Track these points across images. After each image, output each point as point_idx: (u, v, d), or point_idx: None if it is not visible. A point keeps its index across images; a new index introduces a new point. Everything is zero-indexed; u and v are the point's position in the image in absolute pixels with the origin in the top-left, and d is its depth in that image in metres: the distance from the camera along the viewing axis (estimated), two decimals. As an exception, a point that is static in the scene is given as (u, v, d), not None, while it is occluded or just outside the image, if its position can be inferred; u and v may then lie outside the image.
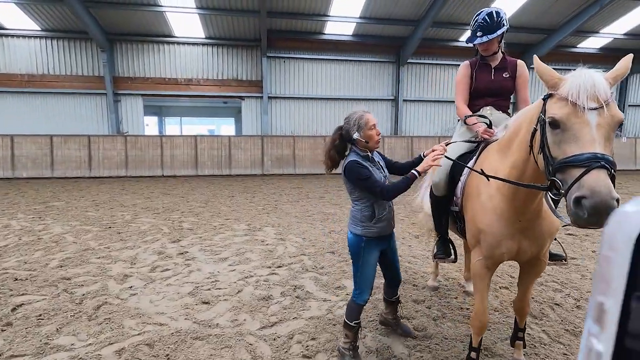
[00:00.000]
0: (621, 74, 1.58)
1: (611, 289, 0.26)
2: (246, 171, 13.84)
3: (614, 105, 1.53)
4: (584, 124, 1.52)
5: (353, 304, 2.49)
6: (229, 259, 4.65)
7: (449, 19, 13.24)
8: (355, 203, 2.42)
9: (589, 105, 1.51)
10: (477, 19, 2.63)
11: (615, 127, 1.52)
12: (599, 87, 1.51)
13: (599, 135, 1.49)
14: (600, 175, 1.41)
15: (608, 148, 1.49)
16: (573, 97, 1.54)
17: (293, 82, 14.68)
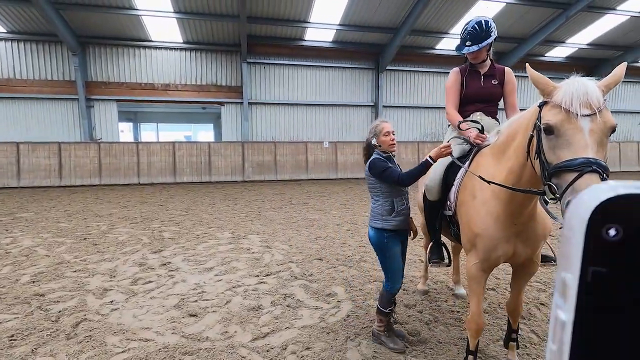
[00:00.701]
0: (614, 81, 1.64)
1: (570, 264, 0.30)
2: (227, 178, 13.60)
3: (606, 111, 1.58)
4: (577, 130, 1.57)
5: (386, 293, 2.76)
6: (214, 269, 4.52)
7: (426, 27, 13.60)
8: (377, 199, 2.69)
9: (582, 112, 1.56)
10: (467, 27, 2.69)
11: (608, 133, 1.58)
12: (591, 95, 1.56)
13: (592, 141, 1.54)
14: (592, 179, 1.46)
15: (601, 153, 1.54)
16: (566, 104, 1.60)
17: (274, 88, 14.62)
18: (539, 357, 2.69)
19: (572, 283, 0.31)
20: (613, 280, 0.31)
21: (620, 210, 0.30)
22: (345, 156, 14.73)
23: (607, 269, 0.30)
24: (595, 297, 0.31)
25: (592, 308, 0.31)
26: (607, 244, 0.30)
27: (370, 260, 4.83)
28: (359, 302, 3.61)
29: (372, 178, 2.66)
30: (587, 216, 0.30)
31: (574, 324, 0.31)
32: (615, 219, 0.30)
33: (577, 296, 0.31)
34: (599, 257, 0.30)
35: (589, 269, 0.30)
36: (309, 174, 14.30)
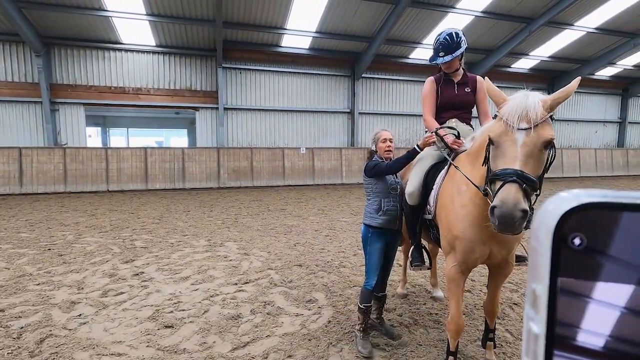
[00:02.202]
0: (563, 96, 1.74)
1: (539, 275, 0.31)
2: (201, 184, 13.29)
3: (545, 126, 1.69)
4: (511, 142, 1.71)
5: (364, 289, 2.88)
6: (190, 278, 4.38)
7: (400, 37, 13.98)
8: (369, 198, 2.89)
9: (520, 126, 1.69)
10: (439, 39, 2.79)
11: (541, 146, 1.69)
12: (530, 109, 1.69)
13: (522, 153, 1.67)
14: (511, 188, 1.60)
15: (530, 165, 1.67)
16: (505, 117, 1.75)
17: (250, 94, 14.51)
18: (515, 355, 2.78)
19: (542, 293, 0.31)
20: (580, 289, 0.31)
21: (583, 218, 0.31)
22: (322, 162, 14.78)
23: (575, 278, 0.31)
24: (565, 307, 0.31)
25: (561, 317, 0.31)
26: (573, 253, 0.31)
27: (350, 266, 4.84)
28: (339, 307, 3.61)
29: (367, 179, 2.87)
30: (553, 226, 0.31)
31: (547, 336, 0.31)
32: (579, 228, 0.31)
33: (548, 307, 0.31)
34: (567, 267, 0.31)
35: (558, 279, 0.31)
36: (285, 180, 14.23)
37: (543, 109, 1.69)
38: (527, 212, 1.58)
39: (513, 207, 1.56)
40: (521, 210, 1.56)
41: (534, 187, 1.66)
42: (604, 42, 15.39)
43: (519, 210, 1.55)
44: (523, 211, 1.57)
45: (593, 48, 15.95)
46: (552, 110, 1.75)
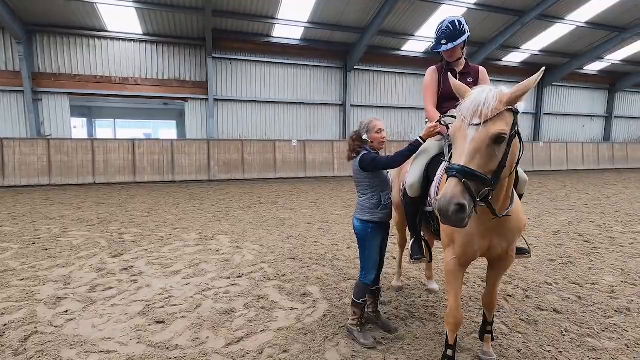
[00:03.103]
0: (522, 90, 1.74)
1: None
2: (191, 177, 13.08)
3: (496, 120, 1.70)
4: (462, 137, 1.75)
5: (361, 284, 2.81)
6: (181, 272, 4.28)
7: (393, 28, 13.87)
8: (364, 193, 2.80)
9: (472, 122, 1.71)
10: (441, 27, 2.72)
11: (490, 141, 1.69)
12: (483, 105, 1.70)
13: (470, 148, 1.70)
14: (450, 183, 1.66)
15: (477, 161, 1.69)
16: (460, 113, 1.79)
17: (241, 85, 14.26)
18: (511, 347, 2.77)
19: None
20: None
21: None
22: (314, 155, 14.68)
23: None
24: None
25: None
26: None
27: (344, 259, 4.81)
28: (334, 301, 3.56)
29: (363, 173, 2.74)
30: None
31: None
32: None
33: None
34: None
35: None
36: (277, 173, 14.11)
37: (500, 103, 1.70)
38: (464, 205, 1.60)
39: (448, 201, 1.60)
40: (456, 204, 1.59)
41: (483, 182, 1.69)
42: (593, 36, 15.54)
43: (454, 204, 1.59)
44: (459, 205, 1.60)
45: (582, 42, 16.10)
46: (511, 104, 1.74)
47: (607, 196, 10.33)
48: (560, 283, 4.02)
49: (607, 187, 12.45)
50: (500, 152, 1.73)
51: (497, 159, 1.72)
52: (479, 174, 1.67)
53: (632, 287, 3.93)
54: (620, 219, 7.26)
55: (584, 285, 3.96)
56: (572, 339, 2.90)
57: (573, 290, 3.83)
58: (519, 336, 2.94)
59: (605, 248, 5.32)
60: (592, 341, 2.87)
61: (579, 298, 3.65)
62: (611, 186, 12.64)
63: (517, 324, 3.13)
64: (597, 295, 3.71)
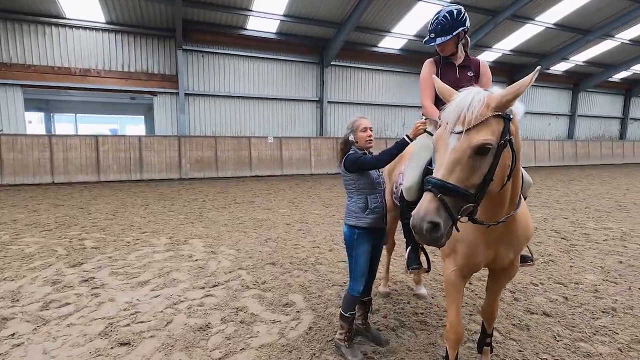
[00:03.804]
0: (513, 93, 1.53)
1: None
2: (161, 175, 12.42)
3: (481, 128, 1.49)
4: (443, 147, 1.56)
5: (348, 296, 2.61)
6: (150, 282, 3.90)
7: (369, 24, 13.74)
8: (351, 196, 2.61)
9: (455, 129, 1.52)
10: (437, 17, 2.52)
11: (472, 152, 1.49)
12: (467, 110, 1.50)
13: (449, 160, 1.51)
14: (425, 198, 1.49)
15: (457, 174, 1.49)
16: (443, 119, 1.60)
17: (213, 79, 13.67)
18: (507, 356, 2.65)
19: None
20: None
21: None
22: (290, 152, 14.36)
23: None
24: None
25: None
26: None
27: (327, 262, 4.58)
28: (319, 310, 3.32)
29: (348, 175, 2.56)
30: None
31: None
32: None
33: None
34: None
35: None
36: (252, 171, 13.69)
37: (487, 108, 1.51)
38: (438, 224, 1.44)
39: (420, 219, 1.45)
40: (429, 222, 1.43)
41: (463, 198, 1.49)
42: (560, 38, 16.13)
43: (427, 222, 1.43)
44: (431, 223, 1.43)
45: (550, 43, 16.68)
46: (501, 110, 1.53)
47: (575, 192, 10.71)
48: (546, 283, 3.98)
49: (573, 183, 12.96)
50: (484, 165, 1.51)
51: (482, 172, 1.51)
52: (458, 189, 1.47)
53: (614, 285, 3.95)
54: (590, 215, 7.48)
55: (568, 285, 3.94)
56: (566, 345, 2.81)
57: (559, 291, 3.79)
58: (514, 344, 2.83)
59: (582, 245, 5.40)
60: (585, 346, 2.80)
61: (565, 299, 3.61)
62: (577, 182, 13.18)
63: (510, 330, 3.02)
64: (583, 295, 3.69)
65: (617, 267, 4.51)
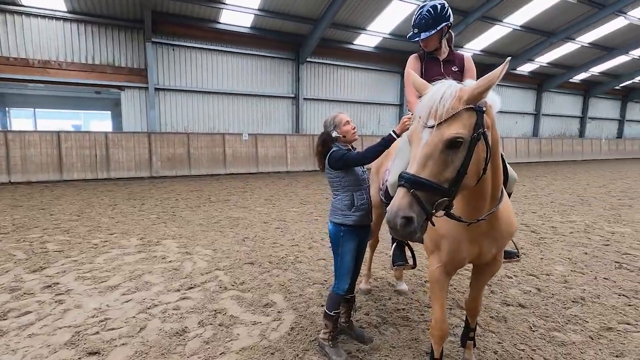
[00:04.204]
0: (486, 84, 1.50)
1: None
2: (130, 174, 11.88)
3: (452, 122, 1.48)
4: (417, 141, 1.54)
5: (333, 295, 2.57)
6: (121, 286, 3.69)
7: (345, 21, 13.74)
8: (337, 193, 2.56)
9: (427, 123, 1.52)
10: (421, 12, 2.51)
11: (443, 147, 1.47)
12: (439, 104, 1.49)
13: (422, 154, 1.49)
14: (398, 193, 1.48)
15: (430, 168, 1.48)
16: (417, 113, 1.59)
17: (185, 74, 13.21)
18: (487, 349, 2.69)
19: None
20: None
21: None
22: (266, 149, 14.16)
23: None
24: None
25: None
26: None
27: (306, 261, 4.52)
28: (301, 310, 3.26)
29: (334, 172, 2.51)
30: None
31: None
32: None
33: None
34: None
35: None
36: (227, 169, 13.38)
37: (459, 101, 1.49)
38: (411, 219, 1.43)
39: (394, 214, 1.44)
40: (402, 217, 1.42)
41: (437, 192, 1.47)
42: (526, 39, 16.82)
43: (400, 217, 1.43)
44: (405, 218, 1.43)
45: (517, 45, 17.36)
46: (473, 102, 1.51)
47: (541, 187, 11.23)
48: (519, 275, 4.12)
49: (539, 178, 13.59)
50: (457, 159, 1.50)
51: (455, 166, 1.50)
52: (431, 183, 1.46)
53: (582, 275, 4.14)
54: (556, 209, 7.85)
55: (540, 277, 4.09)
56: (541, 335, 2.90)
57: (532, 282, 3.93)
58: (493, 336, 2.89)
59: (550, 238, 5.64)
60: (559, 335, 2.90)
61: (538, 290, 3.74)
62: (542, 178, 13.83)
63: (488, 322, 3.09)
64: (554, 286, 3.84)
65: (583, 258, 4.74)
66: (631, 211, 7.70)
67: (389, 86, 17.61)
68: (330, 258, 4.63)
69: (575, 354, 2.65)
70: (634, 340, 2.84)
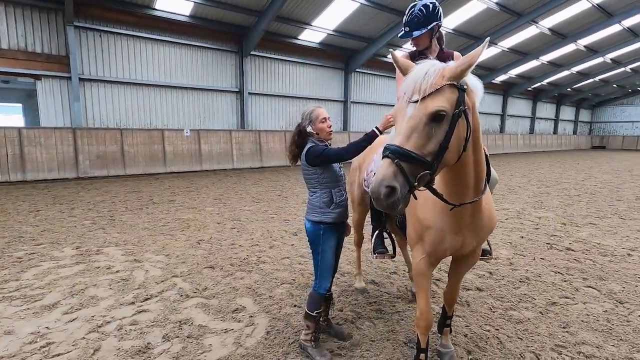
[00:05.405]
0: (468, 62, 1.57)
1: None
2: (52, 175, 10.49)
3: (435, 96, 1.54)
4: (402, 116, 1.61)
5: (315, 294, 2.51)
6: (60, 304, 3.22)
7: (290, 15, 13.56)
8: (314, 191, 2.49)
9: (412, 98, 1.58)
10: (412, 10, 2.50)
11: (427, 119, 1.53)
12: (423, 80, 1.57)
13: (407, 127, 1.55)
14: (382, 165, 1.52)
15: (414, 140, 1.53)
16: (402, 89, 1.65)
17: (117, 63, 11.96)
18: (458, 333, 2.84)
19: None
20: None
21: None
22: (210, 145, 13.48)
23: None
24: None
25: None
26: None
27: (270, 261, 4.38)
28: (274, 312, 3.14)
29: (311, 168, 2.43)
30: None
31: None
32: None
33: None
34: None
35: None
36: (168, 167, 12.48)
37: (442, 78, 1.57)
38: (395, 188, 1.46)
39: (378, 184, 1.46)
40: (386, 187, 1.45)
41: (420, 164, 1.52)
42: (457, 41, 18.15)
43: (384, 186, 1.46)
44: (389, 187, 1.46)
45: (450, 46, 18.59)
46: (456, 80, 1.59)
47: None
48: (472, 261, 4.43)
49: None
50: (440, 132, 1.55)
51: (437, 139, 1.55)
52: (415, 155, 1.50)
53: (523, 257, 4.59)
54: (490, 198, 8.63)
55: (489, 261, 4.44)
56: (500, 315, 3.15)
57: (483, 267, 4.25)
58: (460, 320, 3.06)
59: (491, 224, 6.17)
60: (515, 314, 3.17)
61: (490, 274, 4.06)
62: (473, 170, 15.11)
63: (454, 308, 3.26)
64: (503, 269, 4.20)
65: (521, 241, 5.27)
66: (550, 198, 8.77)
67: (334, 82, 17.84)
68: (294, 256, 4.54)
69: (531, 329, 2.92)
70: (575, 312, 3.22)
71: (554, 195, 9.16)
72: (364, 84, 19.10)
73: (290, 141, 2.51)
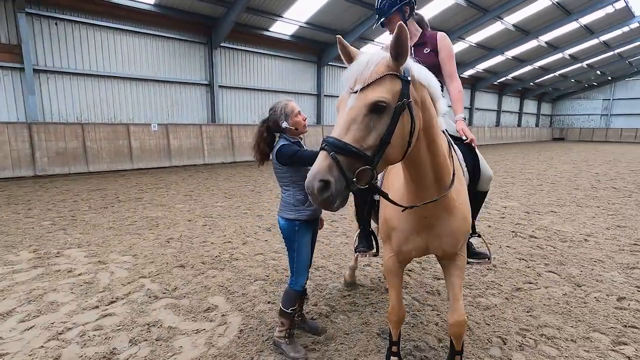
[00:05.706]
0: (394, 50, 1.45)
1: None
2: (5, 174, 9.79)
3: (376, 86, 1.44)
4: (343, 107, 1.50)
5: (290, 291, 2.49)
6: (16, 312, 3.01)
7: (261, 6, 13.26)
8: (287, 189, 2.44)
9: (354, 89, 1.47)
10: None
11: (367, 110, 1.43)
12: (365, 68, 1.46)
13: (346, 119, 1.44)
14: (319, 157, 1.41)
15: (353, 132, 1.42)
16: (344, 80, 1.53)
17: (75, 54, 11.25)
18: (429, 322, 2.91)
19: None
20: None
21: None
22: (179, 140, 13.05)
23: None
24: None
25: None
26: None
27: (243, 257, 4.30)
28: (247, 310, 3.09)
29: (282, 167, 2.38)
30: None
31: None
32: None
33: None
34: None
35: None
36: (134, 163, 11.97)
37: (386, 67, 1.45)
38: (328, 182, 1.35)
39: (312, 178, 1.36)
40: (320, 181, 1.34)
41: (359, 159, 1.40)
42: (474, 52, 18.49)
43: (317, 180, 1.35)
44: (322, 181, 1.34)
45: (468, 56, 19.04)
46: (396, 69, 1.47)
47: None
48: (442, 251, 4.56)
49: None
50: (380, 125, 1.43)
51: (378, 132, 1.43)
52: (352, 148, 1.38)
53: (490, 245, 4.76)
54: (460, 189, 8.91)
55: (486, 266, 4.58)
56: (470, 302, 3.26)
57: (453, 256, 4.37)
58: (431, 309, 3.14)
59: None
60: (483, 301, 3.29)
61: (459, 262, 4.19)
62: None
63: (425, 298, 3.34)
64: (471, 258, 4.33)
65: (488, 230, 5.47)
66: (514, 188, 9.17)
67: (307, 75, 17.71)
68: (268, 252, 4.49)
69: (498, 315, 3.04)
70: (537, 296, 3.38)
71: (519, 185, 9.59)
72: (337, 78, 19.08)
73: (257, 139, 2.41)
